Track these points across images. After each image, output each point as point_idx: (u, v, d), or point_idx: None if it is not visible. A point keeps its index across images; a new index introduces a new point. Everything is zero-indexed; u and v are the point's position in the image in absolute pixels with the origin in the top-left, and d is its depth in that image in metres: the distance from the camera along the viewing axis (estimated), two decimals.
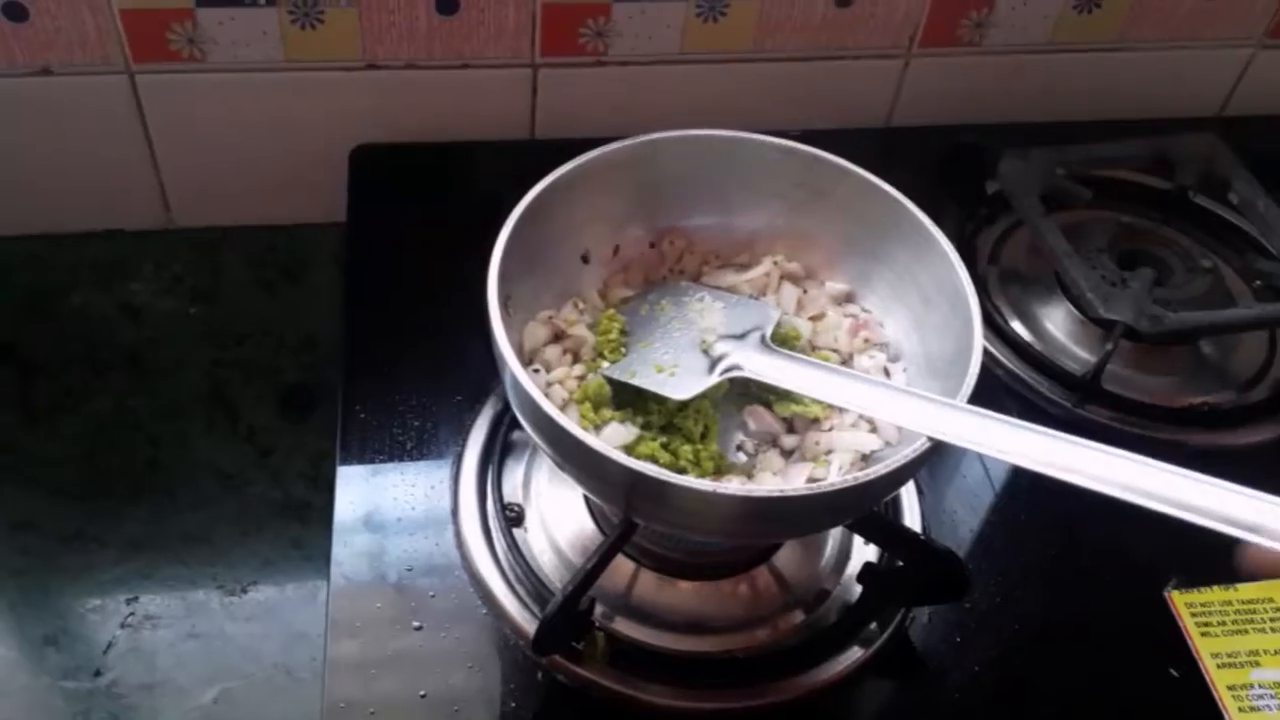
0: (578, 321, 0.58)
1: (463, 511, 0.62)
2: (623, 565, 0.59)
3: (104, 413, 0.79)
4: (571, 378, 0.56)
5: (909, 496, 0.64)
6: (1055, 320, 0.76)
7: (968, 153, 0.85)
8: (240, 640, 0.70)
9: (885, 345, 0.59)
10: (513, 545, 0.60)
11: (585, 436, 0.45)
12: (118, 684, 0.68)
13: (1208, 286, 0.76)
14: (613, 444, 0.52)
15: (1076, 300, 0.75)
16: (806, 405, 0.56)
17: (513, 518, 0.61)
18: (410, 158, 0.82)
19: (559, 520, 0.61)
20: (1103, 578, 0.63)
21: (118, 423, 0.78)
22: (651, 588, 0.59)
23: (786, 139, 0.58)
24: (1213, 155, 0.83)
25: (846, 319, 0.60)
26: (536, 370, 0.56)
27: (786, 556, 0.61)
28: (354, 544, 0.60)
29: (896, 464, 0.46)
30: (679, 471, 0.52)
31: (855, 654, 0.57)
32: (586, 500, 0.62)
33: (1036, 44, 0.89)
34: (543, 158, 0.55)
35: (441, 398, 0.67)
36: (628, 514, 0.52)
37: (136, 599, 0.71)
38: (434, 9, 0.77)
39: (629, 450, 0.53)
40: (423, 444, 0.65)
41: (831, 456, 0.54)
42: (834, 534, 0.63)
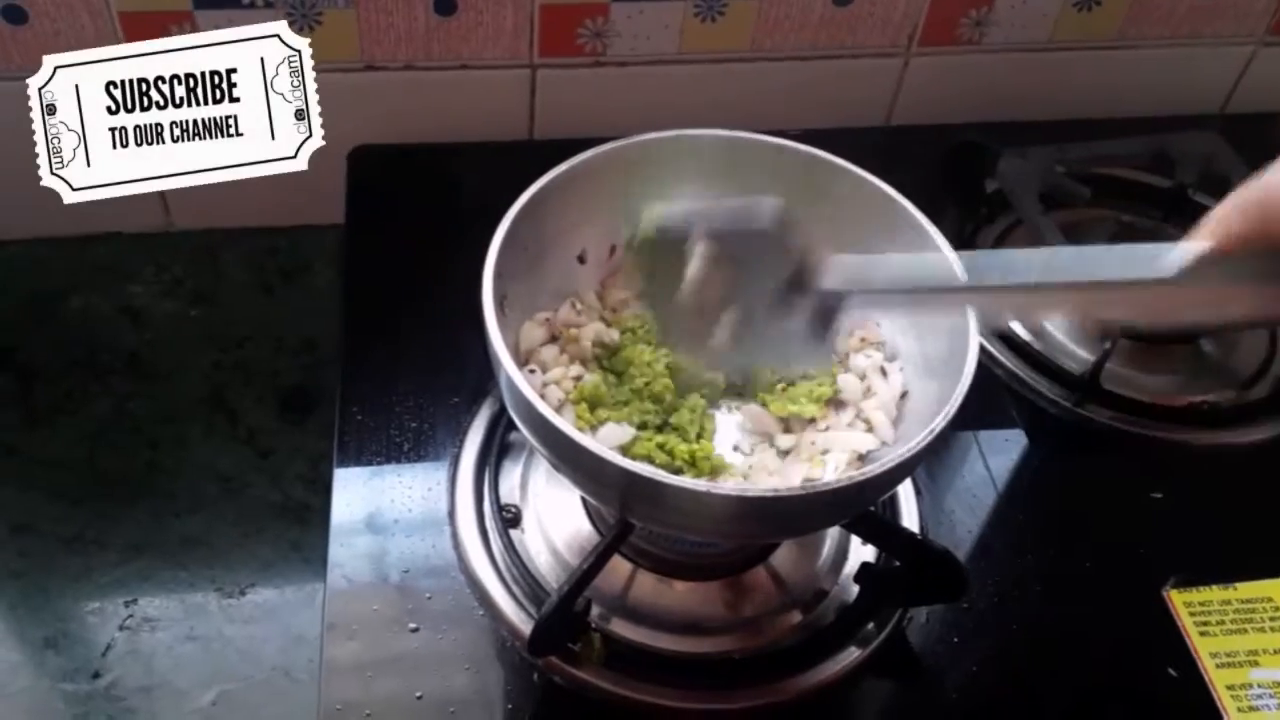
0: (581, 322, 0.58)
1: (460, 513, 0.62)
2: (619, 566, 0.59)
3: (103, 415, 0.79)
4: (568, 378, 0.56)
5: (906, 496, 0.64)
6: (1054, 319, 0.76)
7: (967, 151, 0.85)
8: (239, 642, 0.70)
9: (882, 344, 0.59)
10: (509, 546, 0.60)
11: (581, 438, 0.45)
12: (116, 686, 0.68)
13: None
14: (609, 445, 0.52)
15: None
16: (802, 405, 0.56)
17: (509, 519, 0.61)
18: (409, 159, 0.82)
19: (556, 521, 0.61)
20: (1101, 577, 0.63)
21: (117, 425, 0.78)
22: (648, 588, 0.59)
23: (785, 138, 0.58)
24: (1213, 153, 0.82)
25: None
26: (533, 371, 0.56)
27: (783, 556, 0.61)
28: (351, 546, 0.60)
29: (892, 463, 0.46)
30: (675, 471, 0.52)
31: (853, 654, 0.57)
32: (583, 501, 0.62)
33: (1036, 42, 0.88)
34: (541, 158, 0.55)
35: (439, 399, 0.67)
36: (624, 515, 0.52)
37: (135, 601, 0.71)
38: (432, 10, 0.77)
39: (625, 451, 0.53)
40: (420, 445, 0.65)
41: (828, 456, 0.54)
42: (831, 534, 0.63)
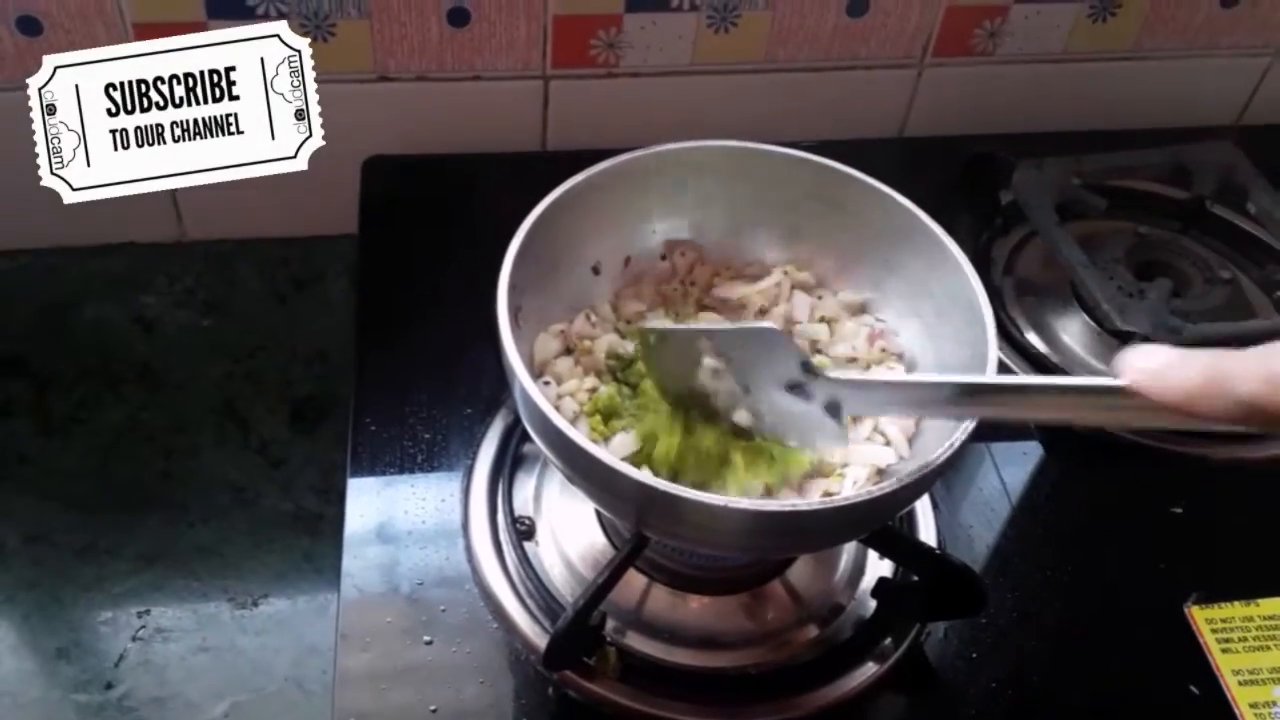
0: (596, 334, 0.58)
1: (473, 524, 0.61)
2: (634, 580, 0.58)
3: (116, 425, 0.79)
4: (583, 390, 0.56)
5: (924, 510, 0.64)
6: (1071, 332, 0.76)
7: (982, 163, 0.84)
8: (251, 653, 0.70)
9: (901, 355, 0.58)
10: (523, 559, 0.59)
11: (595, 450, 0.45)
12: (129, 697, 0.68)
13: (1226, 297, 0.75)
14: (623, 453, 0.51)
15: (1093, 311, 0.74)
16: None
17: (523, 531, 0.61)
18: (422, 169, 0.82)
19: (570, 534, 0.61)
20: (1121, 593, 0.63)
21: (130, 435, 0.79)
22: (664, 603, 0.58)
23: (799, 150, 0.58)
24: (1230, 164, 0.82)
25: (863, 327, 0.59)
26: (547, 383, 0.55)
27: (800, 571, 0.60)
28: (364, 557, 0.60)
29: (911, 478, 0.45)
30: (705, 459, 0.51)
31: (870, 669, 0.57)
32: (598, 514, 0.61)
33: (1051, 53, 0.88)
34: (554, 169, 0.55)
35: (452, 410, 0.67)
36: (639, 528, 0.51)
37: (148, 612, 0.71)
38: (445, 21, 0.77)
39: (645, 457, 0.52)
40: (433, 456, 0.65)
41: (846, 470, 0.54)
42: (848, 548, 0.62)
